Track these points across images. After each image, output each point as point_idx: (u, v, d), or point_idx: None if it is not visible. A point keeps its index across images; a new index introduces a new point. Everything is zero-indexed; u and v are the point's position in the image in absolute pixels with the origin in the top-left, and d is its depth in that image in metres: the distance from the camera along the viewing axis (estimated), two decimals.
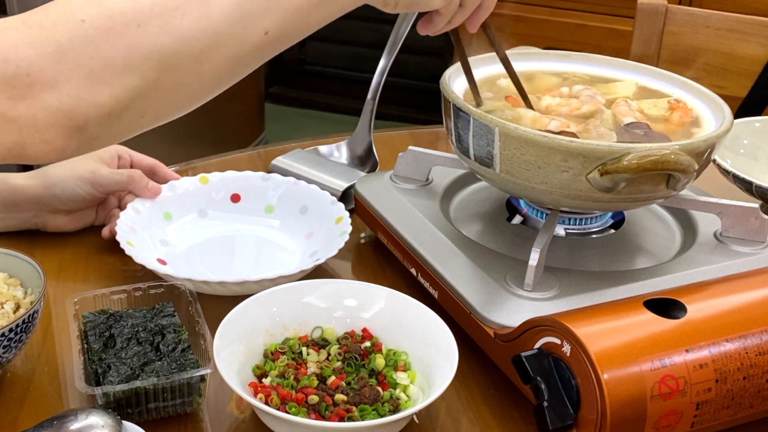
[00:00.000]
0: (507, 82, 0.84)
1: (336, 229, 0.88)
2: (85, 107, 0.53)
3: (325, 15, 0.61)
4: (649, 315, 0.62)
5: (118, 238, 0.83)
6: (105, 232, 0.89)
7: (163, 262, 0.85)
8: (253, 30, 0.58)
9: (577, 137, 0.72)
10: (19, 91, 0.52)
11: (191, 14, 0.55)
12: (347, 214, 0.89)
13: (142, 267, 0.81)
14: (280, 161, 1.04)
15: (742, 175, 0.93)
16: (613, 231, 0.84)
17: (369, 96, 1.05)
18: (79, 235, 0.91)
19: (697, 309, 0.63)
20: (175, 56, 0.55)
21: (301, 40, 0.62)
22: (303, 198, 0.94)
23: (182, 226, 0.92)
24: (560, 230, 0.82)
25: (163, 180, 0.94)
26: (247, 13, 0.57)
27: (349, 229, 0.87)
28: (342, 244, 0.84)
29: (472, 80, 0.79)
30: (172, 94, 0.57)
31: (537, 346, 0.63)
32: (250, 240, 0.93)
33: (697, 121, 0.80)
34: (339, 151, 1.09)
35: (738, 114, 0.95)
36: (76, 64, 0.53)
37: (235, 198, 0.95)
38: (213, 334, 0.66)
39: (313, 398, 0.65)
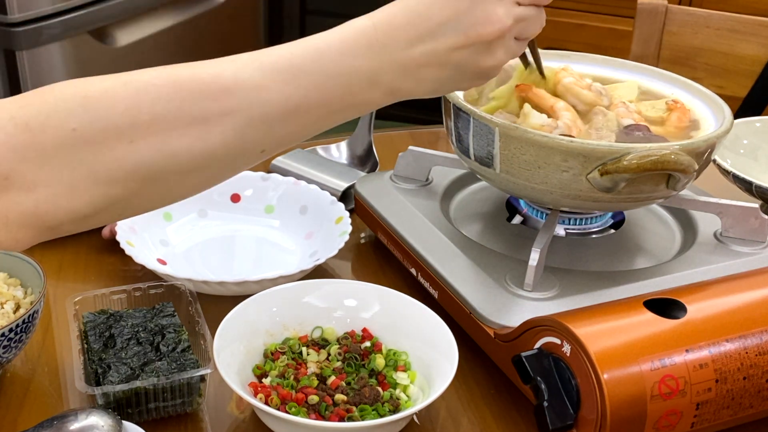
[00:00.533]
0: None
1: (336, 229, 0.88)
2: (61, 213, 0.52)
3: (330, 125, 0.59)
4: (649, 315, 0.62)
5: (118, 238, 0.83)
6: (105, 232, 0.89)
7: (163, 262, 0.85)
8: (250, 150, 0.56)
9: (574, 137, 0.72)
10: None
11: (189, 136, 0.53)
12: (347, 214, 0.89)
13: (142, 267, 0.81)
14: (280, 161, 1.04)
15: (742, 175, 0.93)
16: (613, 231, 0.84)
17: None
18: (79, 235, 0.90)
19: (697, 309, 0.63)
20: (163, 172, 0.54)
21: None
22: (303, 198, 0.94)
23: (182, 226, 0.92)
24: (560, 230, 0.82)
25: None
26: (249, 141, 0.55)
27: (349, 229, 0.87)
28: (342, 244, 0.84)
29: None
30: (153, 201, 0.56)
31: (537, 346, 0.63)
32: (250, 240, 0.93)
33: (696, 121, 0.80)
34: (339, 151, 1.09)
35: (738, 114, 0.95)
36: (59, 173, 0.51)
37: (235, 198, 0.95)
38: (213, 334, 0.66)
39: (313, 398, 0.65)
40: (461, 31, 0.58)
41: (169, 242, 0.89)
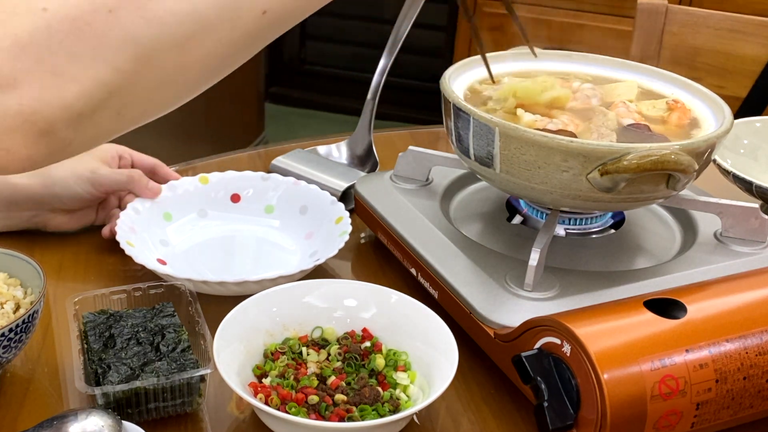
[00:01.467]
0: (510, 80, 0.83)
1: (336, 229, 0.88)
2: (50, 109, 0.46)
3: None
4: (649, 315, 0.62)
5: (118, 238, 0.83)
6: (105, 231, 0.89)
7: (163, 262, 0.85)
8: (247, 10, 0.50)
9: (576, 137, 0.72)
10: None
11: None
12: (347, 214, 0.89)
13: (142, 267, 0.81)
14: (279, 161, 1.04)
15: (742, 175, 0.93)
16: (613, 231, 0.84)
17: (369, 96, 1.05)
18: (79, 235, 0.91)
19: (697, 309, 0.63)
20: (155, 45, 0.48)
21: (301, 41, 0.59)
22: (303, 198, 0.94)
23: (182, 227, 0.92)
24: (560, 230, 0.82)
25: (163, 180, 0.94)
26: None
27: (349, 229, 0.87)
28: (342, 244, 0.84)
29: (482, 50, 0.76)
30: (154, 89, 0.50)
31: (537, 346, 0.63)
32: (250, 240, 0.93)
33: (696, 120, 0.80)
34: (339, 151, 1.09)
35: (738, 114, 0.95)
36: (37, 60, 0.45)
37: (235, 198, 0.95)
38: (213, 334, 0.66)
39: (313, 398, 0.65)
40: None
41: (169, 242, 0.89)
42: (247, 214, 0.95)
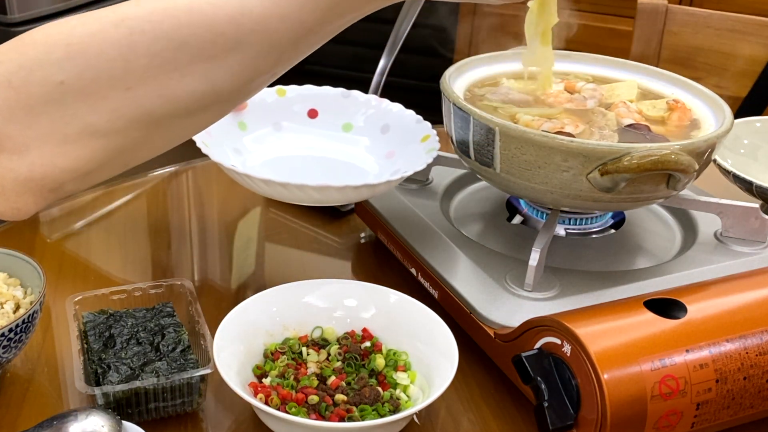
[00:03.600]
0: (509, 83, 0.84)
1: (422, 147, 0.83)
2: (59, 172, 0.47)
3: (334, 34, 0.54)
4: (650, 315, 0.62)
5: (194, 137, 0.77)
6: None
7: None
8: (258, 83, 0.52)
9: (574, 137, 0.72)
10: None
11: (193, 76, 0.48)
12: (434, 132, 0.85)
13: (142, 267, 0.80)
14: None
15: (742, 175, 0.93)
16: (613, 231, 0.84)
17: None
18: (79, 235, 0.91)
19: (697, 309, 0.63)
20: (166, 117, 0.48)
21: None
22: (385, 116, 0.90)
23: (257, 139, 0.87)
24: (560, 230, 0.82)
25: None
26: (258, 71, 0.50)
27: (438, 146, 0.82)
28: (430, 160, 0.79)
29: None
30: (161, 146, 0.51)
31: (537, 346, 0.63)
32: (327, 156, 0.88)
33: (696, 121, 0.80)
34: None
35: (738, 114, 0.95)
36: (51, 130, 0.46)
37: (312, 113, 0.91)
38: (213, 334, 0.66)
39: (313, 398, 0.65)
40: None
41: (243, 151, 0.85)
42: (324, 129, 0.90)
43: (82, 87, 0.46)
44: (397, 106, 0.91)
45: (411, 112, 0.90)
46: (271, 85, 0.85)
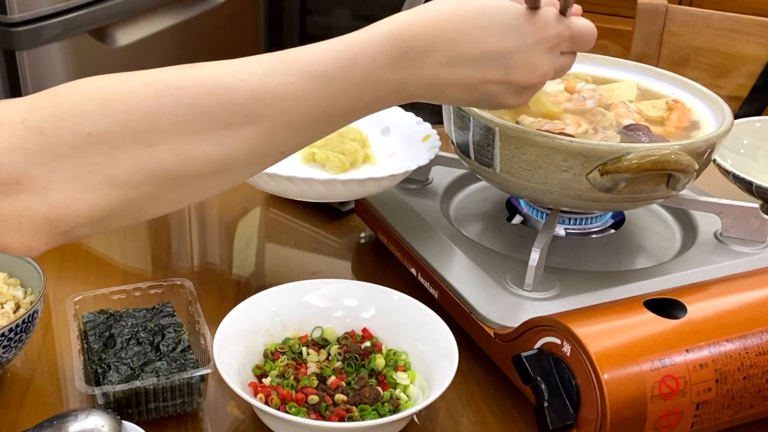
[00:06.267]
0: None
1: (423, 146, 0.85)
2: (74, 216, 0.50)
3: (348, 124, 0.58)
4: (649, 315, 0.62)
5: None
6: None
7: None
8: (271, 154, 0.55)
9: (574, 137, 0.72)
10: (6, 193, 0.48)
11: (210, 141, 0.51)
12: (434, 132, 0.87)
13: (142, 267, 0.80)
14: None
15: (742, 175, 0.93)
16: (613, 231, 0.84)
17: None
18: None
19: (697, 309, 0.63)
20: (181, 176, 0.52)
21: (301, 41, 0.61)
22: (385, 119, 0.91)
23: None
24: (560, 230, 0.82)
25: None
26: (272, 146, 0.54)
27: (439, 144, 0.84)
28: (433, 155, 0.81)
29: None
30: (170, 204, 0.55)
31: (537, 346, 0.63)
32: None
33: (696, 121, 0.80)
34: None
35: (738, 114, 0.95)
36: (73, 176, 0.49)
37: None
38: (213, 334, 0.66)
39: (313, 398, 0.65)
40: (502, 68, 0.57)
41: None
42: None
43: (108, 140, 0.49)
44: (396, 110, 0.93)
45: (411, 115, 0.91)
46: None
